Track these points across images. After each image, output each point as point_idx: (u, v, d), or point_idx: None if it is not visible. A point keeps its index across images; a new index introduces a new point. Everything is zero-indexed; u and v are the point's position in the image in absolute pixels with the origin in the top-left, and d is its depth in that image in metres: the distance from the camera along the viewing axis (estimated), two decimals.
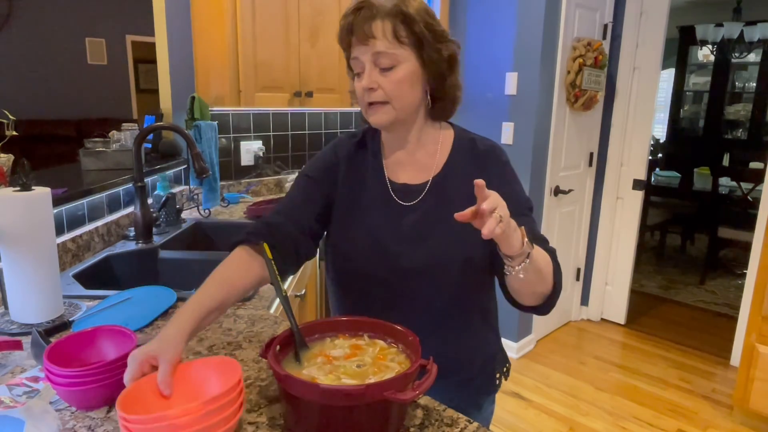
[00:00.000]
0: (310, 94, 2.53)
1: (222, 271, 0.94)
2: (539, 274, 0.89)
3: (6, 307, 1.17)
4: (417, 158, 1.06)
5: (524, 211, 1.01)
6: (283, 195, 2.77)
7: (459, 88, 1.05)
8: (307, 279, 2.08)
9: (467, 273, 1.01)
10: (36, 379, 0.92)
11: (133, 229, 1.81)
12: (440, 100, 1.03)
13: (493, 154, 1.05)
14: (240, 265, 0.96)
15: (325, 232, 1.10)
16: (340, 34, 0.99)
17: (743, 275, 3.09)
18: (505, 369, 1.19)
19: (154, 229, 1.86)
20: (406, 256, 1.00)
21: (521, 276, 0.85)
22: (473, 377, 1.12)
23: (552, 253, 0.96)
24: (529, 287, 0.91)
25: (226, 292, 0.90)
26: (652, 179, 5.02)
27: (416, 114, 1.03)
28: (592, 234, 3.56)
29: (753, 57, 5.52)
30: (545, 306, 0.97)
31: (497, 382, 1.16)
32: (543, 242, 0.97)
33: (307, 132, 3.01)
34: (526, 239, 0.83)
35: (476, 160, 1.04)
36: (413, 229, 1.02)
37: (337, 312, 1.16)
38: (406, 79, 0.96)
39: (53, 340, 1.05)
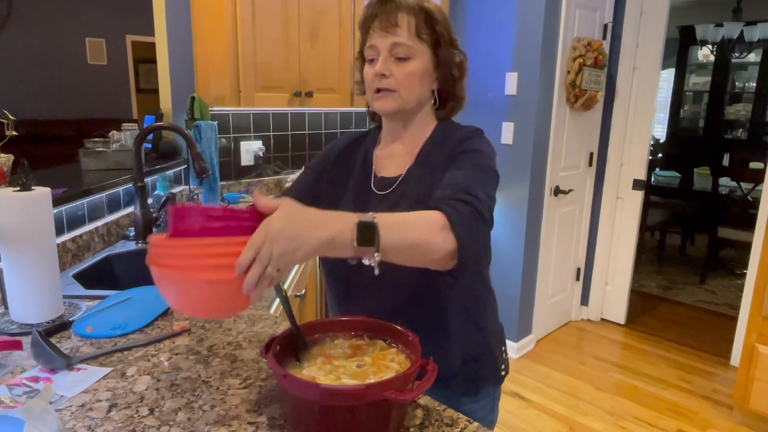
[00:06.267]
0: (310, 94, 2.52)
1: None
2: (411, 250, 0.81)
3: (6, 307, 1.17)
4: (408, 151, 1.08)
5: (460, 195, 0.88)
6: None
7: (465, 94, 1.10)
8: (307, 279, 2.08)
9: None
10: (36, 379, 0.92)
11: (133, 229, 1.81)
12: (448, 101, 1.08)
13: (463, 142, 1.01)
14: None
15: None
16: (362, 21, 1.02)
17: (743, 275, 3.09)
18: (494, 374, 1.13)
19: (154, 229, 1.86)
20: None
21: (376, 267, 0.78)
22: (451, 377, 1.06)
23: (442, 204, 0.85)
24: (411, 262, 0.84)
25: None
26: (652, 179, 5.02)
27: (420, 109, 1.05)
28: (592, 234, 3.56)
29: (753, 57, 5.52)
30: (460, 265, 0.85)
31: (481, 386, 1.11)
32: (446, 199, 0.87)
33: (307, 132, 3.01)
34: (355, 242, 0.74)
35: (448, 149, 1.01)
36: None
37: (329, 302, 1.18)
38: (417, 73, 0.99)
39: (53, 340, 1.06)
